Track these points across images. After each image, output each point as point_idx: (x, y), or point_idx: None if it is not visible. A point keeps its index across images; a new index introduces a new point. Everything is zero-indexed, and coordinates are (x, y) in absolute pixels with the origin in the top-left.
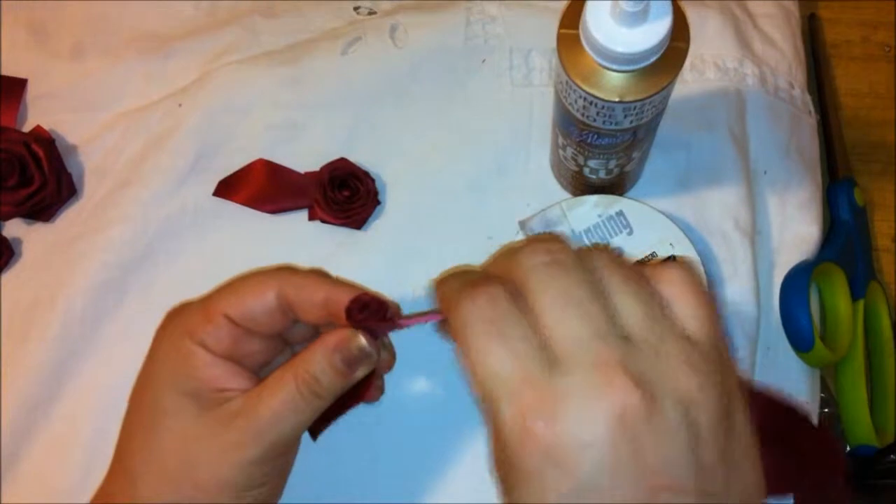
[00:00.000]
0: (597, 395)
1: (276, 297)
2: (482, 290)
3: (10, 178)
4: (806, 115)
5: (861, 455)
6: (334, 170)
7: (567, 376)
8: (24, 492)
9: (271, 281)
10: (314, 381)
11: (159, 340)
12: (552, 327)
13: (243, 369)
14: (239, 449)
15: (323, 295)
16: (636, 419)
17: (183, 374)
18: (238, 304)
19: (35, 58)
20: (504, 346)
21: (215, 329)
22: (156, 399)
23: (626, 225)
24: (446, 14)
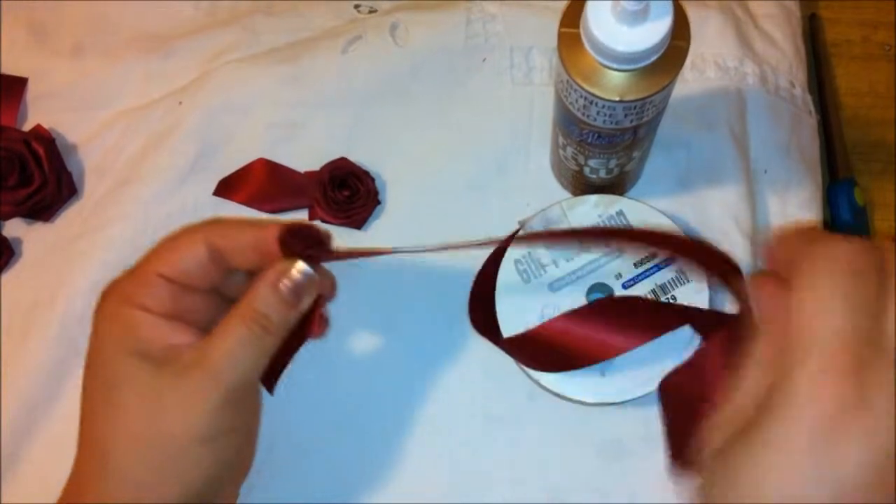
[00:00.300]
0: None
1: (205, 247)
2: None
3: (10, 177)
4: (806, 114)
5: None
6: (334, 169)
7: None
8: (24, 492)
9: (198, 233)
10: (262, 317)
11: (100, 315)
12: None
13: (186, 325)
14: (199, 396)
15: (251, 236)
16: None
17: (131, 339)
18: (169, 260)
19: (35, 57)
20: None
21: (151, 289)
22: (108, 369)
23: (627, 224)
24: (447, 13)
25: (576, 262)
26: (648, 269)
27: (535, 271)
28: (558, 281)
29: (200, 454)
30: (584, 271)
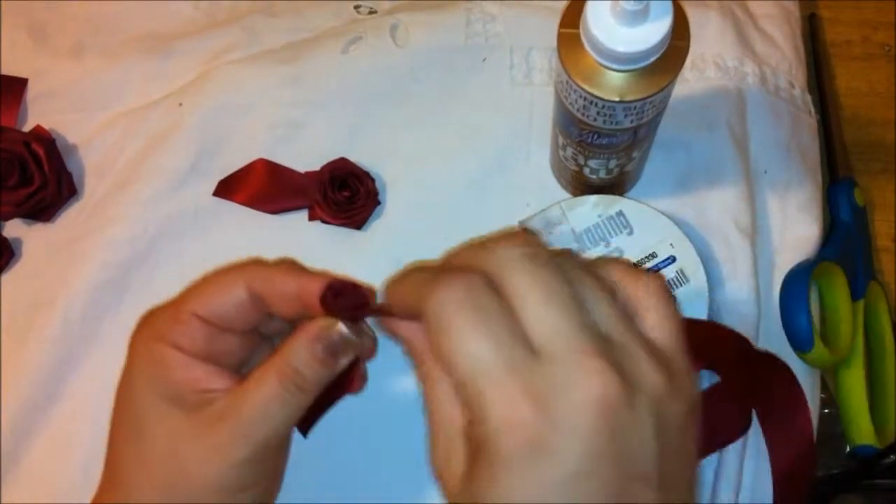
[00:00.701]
0: (582, 382)
1: (245, 291)
2: (459, 278)
3: (11, 177)
4: (806, 114)
5: (861, 455)
6: (334, 170)
7: (551, 365)
8: (24, 492)
9: (239, 276)
10: (297, 375)
11: (133, 348)
12: (533, 317)
13: (222, 368)
14: (227, 450)
15: (294, 286)
16: (618, 407)
17: (161, 379)
18: (206, 301)
19: (35, 58)
20: (487, 332)
21: (187, 329)
22: (138, 407)
23: (626, 225)
24: (447, 13)
25: None
26: (649, 269)
27: None
28: None
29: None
30: None
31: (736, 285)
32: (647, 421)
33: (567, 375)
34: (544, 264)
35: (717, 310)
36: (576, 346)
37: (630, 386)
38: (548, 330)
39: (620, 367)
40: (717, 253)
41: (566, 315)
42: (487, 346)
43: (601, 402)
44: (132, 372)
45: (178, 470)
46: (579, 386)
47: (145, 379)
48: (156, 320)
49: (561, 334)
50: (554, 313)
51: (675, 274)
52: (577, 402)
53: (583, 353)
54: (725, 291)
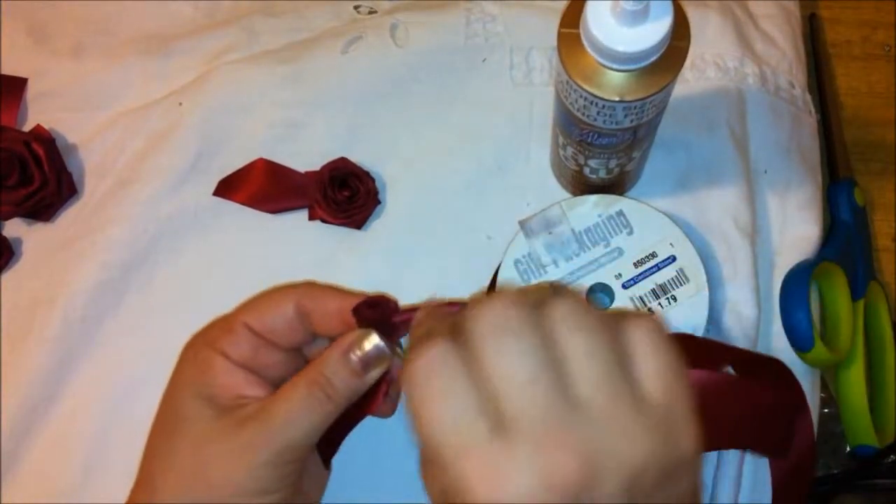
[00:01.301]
0: (538, 466)
1: (294, 307)
2: (434, 347)
3: (10, 177)
4: (806, 114)
5: (861, 455)
6: (334, 169)
7: (511, 443)
8: (24, 492)
9: (290, 292)
10: (326, 383)
11: (184, 352)
12: (500, 391)
13: (261, 379)
14: (250, 451)
15: (337, 303)
16: (576, 492)
17: (202, 381)
18: (258, 314)
19: (35, 57)
20: (450, 406)
21: (235, 338)
22: (176, 405)
23: (626, 225)
24: (447, 13)
25: (576, 262)
26: (648, 268)
27: (535, 271)
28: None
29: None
30: (584, 271)
31: (736, 285)
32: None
33: (526, 456)
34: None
35: (718, 310)
36: (539, 424)
37: (594, 468)
38: (513, 405)
39: (588, 445)
40: (717, 253)
41: (534, 389)
42: (450, 421)
43: (558, 486)
44: (177, 374)
45: (201, 466)
46: (536, 469)
47: (187, 380)
48: (209, 330)
49: (525, 410)
50: (521, 388)
51: (675, 274)
52: (532, 485)
53: (545, 433)
54: (725, 291)
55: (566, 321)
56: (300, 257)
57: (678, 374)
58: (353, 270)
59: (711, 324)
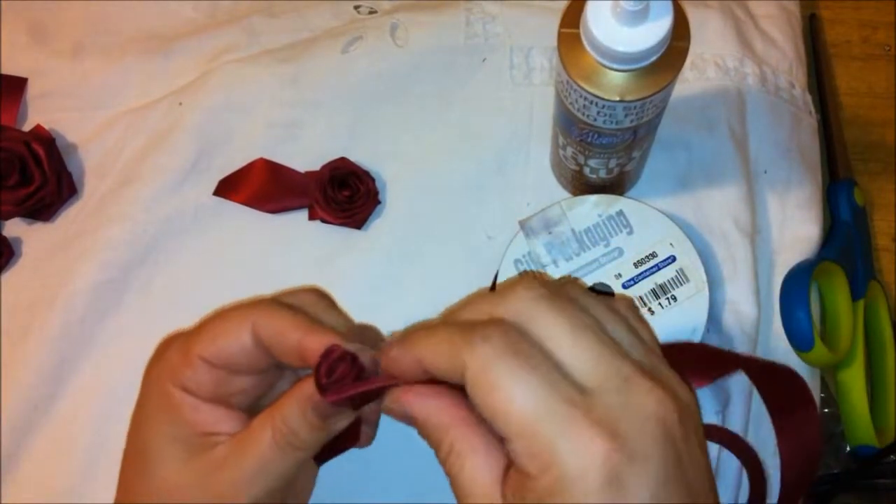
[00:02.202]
0: (642, 405)
1: (250, 337)
2: (494, 329)
3: (11, 177)
4: (806, 114)
5: (861, 455)
6: (334, 169)
7: (605, 396)
8: (24, 492)
9: (245, 320)
10: (291, 434)
11: (146, 382)
12: (571, 355)
13: (230, 410)
14: (229, 499)
15: (296, 337)
16: (676, 425)
17: (168, 419)
18: (212, 346)
19: (35, 57)
20: (538, 378)
21: (194, 374)
22: (145, 443)
23: (626, 224)
24: (446, 13)
25: (576, 262)
26: (648, 268)
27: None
28: None
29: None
30: (584, 271)
31: (736, 285)
32: (694, 438)
33: (624, 402)
34: (564, 302)
35: (717, 310)
36: (621, 373)
37: (677, 403)
38: (589, 365)
39: (662, 384)
40: (717, 253)
41: (601, 347)
42: (543, 391)
43: (664, 421)
44: (144, 408)
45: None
46: (640, 409)
47: (154, 416)
48: (168, 357)
49: (602, 365)
50: (589, 347)
51: (675, 273)
52: (644, 426)
53: (629, 378)
54: (725, 291)
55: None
56: (300, 257)
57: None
58: (353, 270)
59: (711, 324)
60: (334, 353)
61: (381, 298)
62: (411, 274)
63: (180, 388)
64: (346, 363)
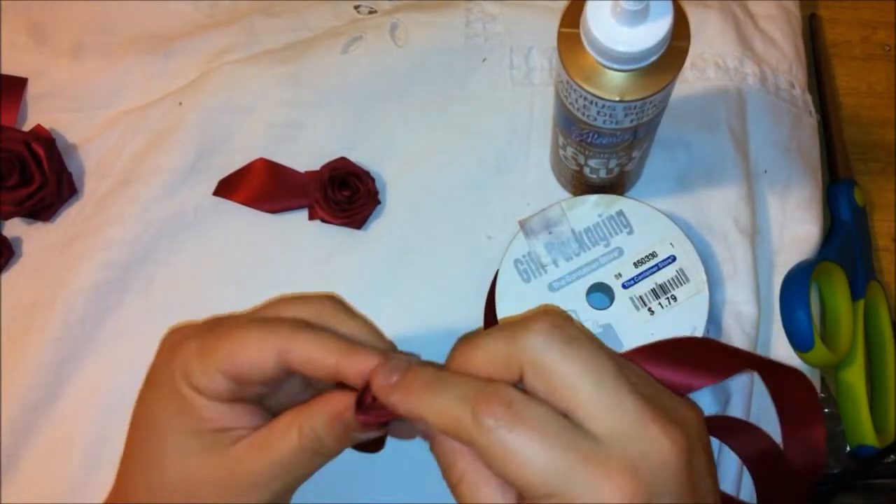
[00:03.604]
0: (662, 450)
1: (275, 361)
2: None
3: (11, 177)
4: (806, 114)
5: (861, 455)
6: (334, 169)
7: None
8: (24, 492)
9: (269, 347)
10: (317, 441)
11: (156, 375)
12: (589, 403)
13: (244, 405)
14: (245, 497)
15: (332, 366)
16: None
17: (182, 416)
18: (231, 365)
19: (35, 57)
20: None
21: (210, 381)
22: (156, 434)
23: (626, 224)
24: (446, 13)
25: (576, 262)
26: (648, 268)
27: (535, 271)
28: (558, 281)
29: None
30: (584, 271)
31: (736, 285)
32: (703, 462)
33: (643, 450)
34: (581, 344)
35: (717, 310)
36: (638, 419)
37: (690, 435)
38: (608, 413)
39: (674, 420)
40: (717, 253)
41: (619, 391)
42: (560, 455)
43: (680, 463)
44: (153, 402)
45: (192, 493)
46: (658, 454)
47: (166, 412)
48: (183, 358)
49: (621, 414)
50: (609, 393)
51: (675, 273)
52: (663, 470)
53: (646, 424)
54: (725, 291)
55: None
56: (300, 257)
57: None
58: (353, 270)
59: (711, 324)
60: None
61: (381, 298)
62: (411, 274)
63: (194, 389)
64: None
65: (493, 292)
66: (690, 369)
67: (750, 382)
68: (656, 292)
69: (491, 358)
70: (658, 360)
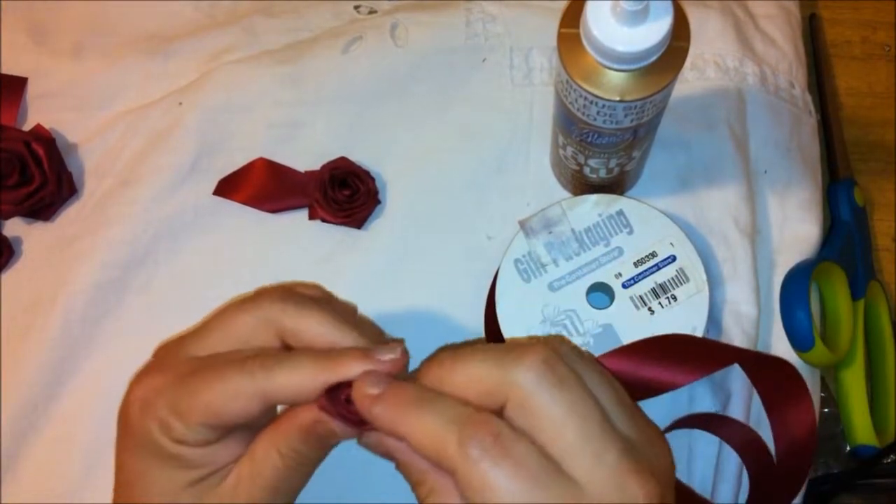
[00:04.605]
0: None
1: (259, 405)
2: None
3: (11, 176)
4: (806, 114)
5: (861, 455)
6: (334, 169)
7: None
8: (24, 492)
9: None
10: (297, 456)
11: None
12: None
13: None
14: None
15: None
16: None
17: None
18: (214, 415)
19: (35, 57)
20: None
21: (195, 434)
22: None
23: (627, 224)
24: (446, 13)
25: (576, 262)
26: (648, 268)
27: (535, 271)
28: (558, 280)
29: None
30: (584, 271)
31: (736, 285)
32: None
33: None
34: (569, 385)
35: (718, 309)
36: (617, 471)
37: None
38: (588, 461)
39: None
40: (717, 252)
41: (602, 439)
42: (536, 495)
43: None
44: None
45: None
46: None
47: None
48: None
49: (601, 463)
50: (591, 440)
51: (675, 273)
52: None
53: (625, 477)
54: (725, 291)
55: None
56: (300, 257)
57: None
58: (353, 270)
59: (711, 323)
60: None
61: (381, 298)
62: (411, 274)
63: (178, 442)
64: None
65: (493, 292)
66: (674, 366)
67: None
68: (656, 292)
69: (475, 382)
70: (642, 357)
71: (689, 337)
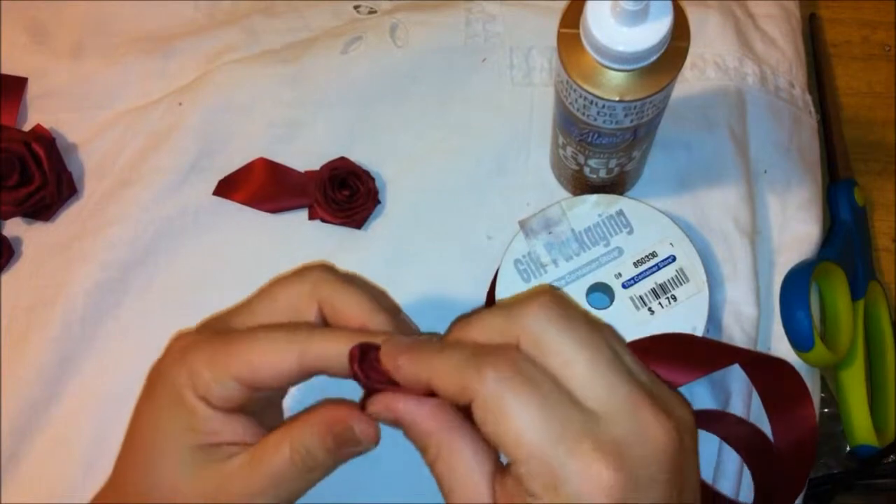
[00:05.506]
0: (649, 436)
1: (298, 365)
2: (502, 358)
3: (11, 177)
4: (806, 114)
5: (861, 455)
6: (334, 169)
7: (614, 423)
8: (24, 492)
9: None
10: (308, 456)
11: (160, 379)
12: (584, 379)
13: (243, 419)
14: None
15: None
16: (678, 451)
17: (182, 424)
18: (250, 372)
19: (35, 57)
20: (548, 406)
21: (223, 390)
22: (154, 441)
23: (627, 224)
24: (446, 13)
25: (575, 262)
26: (648, 268)
27: (535, 271)
28: (558, 280)
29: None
30: (583, 271)
31: (736, 285)
32: (692, 458)
33: (633, 430)
34: (579, 323)
35: (717, 310)
36: (631, 400)
37: (679, 428)
38: (603, 392)
39: (666, 411)
40: (717, 253)
41: (615, 374)
42: (554, 422)
43: (668, 450)
44: (152, 407)
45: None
46: (648, 438)
47: (165, 419)
48: (193, 365)
49: (615, 393)
50: (603, 372)
51: (675, 273)
52: (651, 455)
53: (638, 406)
54: (725, 291)
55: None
56: (300, 257)
57: None
58: (353, 270)
59: (711, 323)
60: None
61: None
62: (411, 274)
63: (200, 398)
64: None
65: (493, 292)
66: (674, 365)
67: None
68: (656, 292)
69: (488, 332)
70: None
71: (689, 337)
